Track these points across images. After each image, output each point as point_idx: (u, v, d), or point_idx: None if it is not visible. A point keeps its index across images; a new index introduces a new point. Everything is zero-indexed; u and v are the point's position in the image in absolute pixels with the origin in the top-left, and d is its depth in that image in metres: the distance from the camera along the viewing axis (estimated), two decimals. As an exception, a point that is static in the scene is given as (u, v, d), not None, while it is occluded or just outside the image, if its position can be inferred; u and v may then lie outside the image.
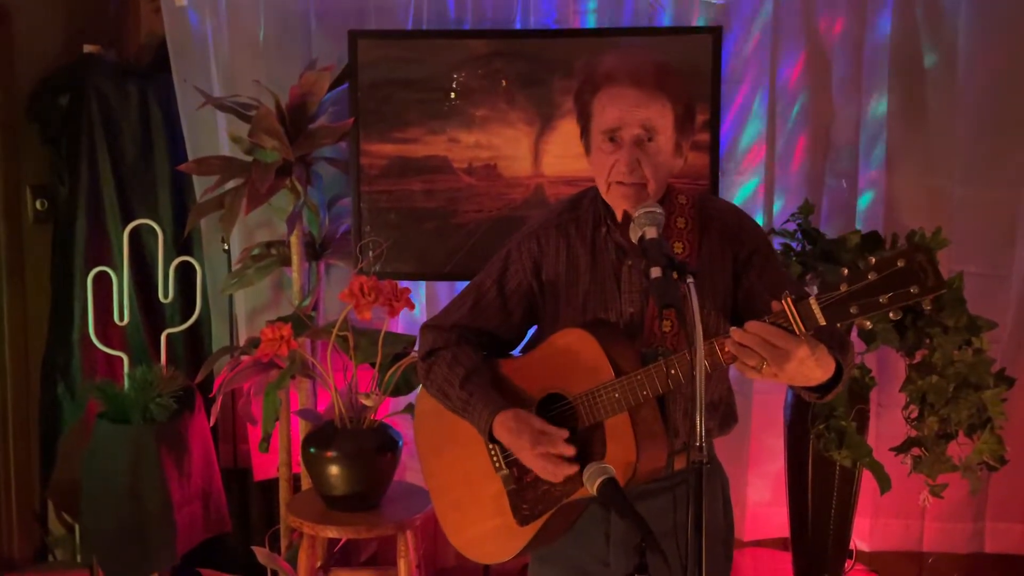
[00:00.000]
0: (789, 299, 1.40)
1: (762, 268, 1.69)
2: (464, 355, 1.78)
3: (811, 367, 1.44)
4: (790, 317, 1.40)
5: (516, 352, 1.86)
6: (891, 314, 1.35)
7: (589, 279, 1.72)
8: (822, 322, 1.38)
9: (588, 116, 1.69)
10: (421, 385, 1.88)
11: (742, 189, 2.92)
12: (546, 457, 1.63)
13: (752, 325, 1.41)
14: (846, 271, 1.36)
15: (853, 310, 1.35)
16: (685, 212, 1.71)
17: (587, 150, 1.73)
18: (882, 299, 1.33)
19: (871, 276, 1.34)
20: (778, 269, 1.73)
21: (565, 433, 1.64)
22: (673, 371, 1.56)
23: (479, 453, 1.77)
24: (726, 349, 1.49)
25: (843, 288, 1.36)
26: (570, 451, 1.61)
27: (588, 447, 1.65)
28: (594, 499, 1.56)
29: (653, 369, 1.58)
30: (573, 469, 1.62)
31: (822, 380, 1.49)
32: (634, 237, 1.56)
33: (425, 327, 1.86)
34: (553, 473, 1.64)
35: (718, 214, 1.72)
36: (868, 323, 1.37)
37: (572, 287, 1.74)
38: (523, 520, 1.72)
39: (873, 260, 1.34)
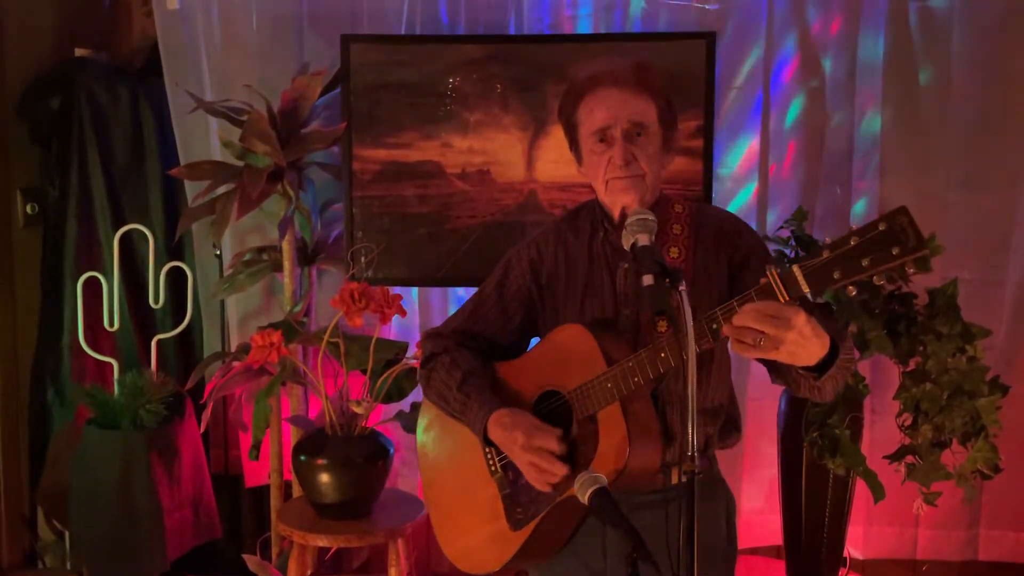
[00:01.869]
0: (774, 270, 1.41)
1: (757, 271, 1.69)
2: (462, 358, 1.79)
3: (809, 336, 1.43)
4: (775, 286, 1.40)
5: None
6: (875, 279, 1.34)
7: (587, 282, 1.74)
8: (806, 288, 1.38)
9: (575, 125, 1.73)
10: (425, 396, 1.88)
11: (736, 195, 2.92)
12: (538, 453, 1.62)
13: (747, 307, 1.42)
14: (828, 239, 1.37)
15: (836, 275, 1.35)
16: (681, 219, 1.73)
17: (579, 159, 1.76)
18: (864, 262, 1.33)
19: (853, 241, 1.34)
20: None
21: (558, 431, 1.64)
22: (663, 354, 1.56)
23: (477, 461, 1.78)
24: (713, 327, 1.48)
25: (826, 254, 1.36)
26: (559, 448, 1.62)
27: (582, 441, 1.65)
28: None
29: (644, 354, 1.58)
30: (564, 469, 1.62)
31: (821, 355, 1.48)
32: (626, 244, 1.57)
33: (426, 335, 1.89)
34: (541, 471, 1.63)
35: (714, 221, 1.75)
36: (852, 289, 1.37)
37: (570, 291, 1.76)
38: (516, 524, 1.73)
39: (855, 227, 1.35)
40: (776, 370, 1.64)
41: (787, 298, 1.40)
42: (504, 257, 1.85)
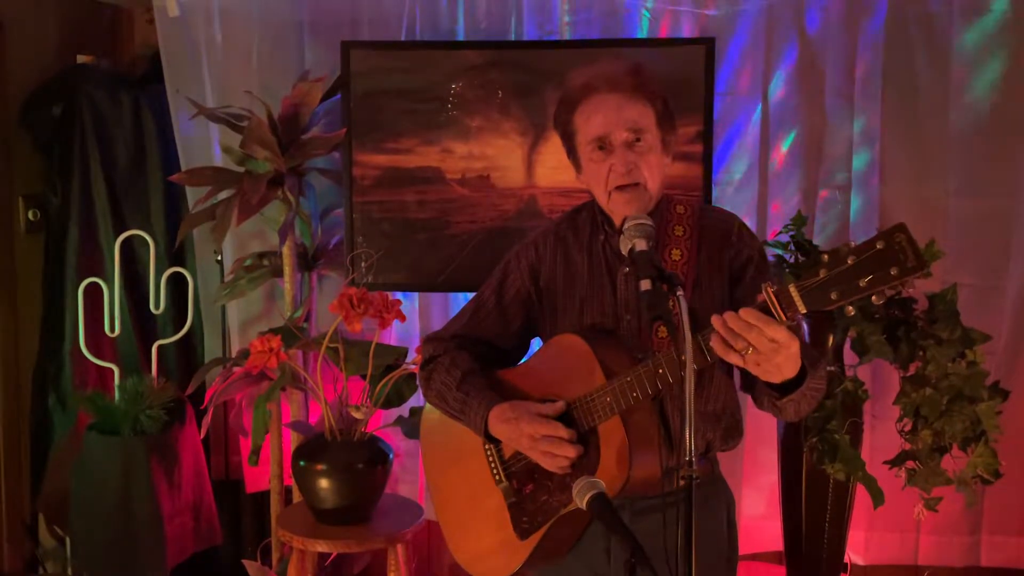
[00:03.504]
0: (770, 288, 1.39)
1: (754, 279, 1.69)
2: (461, 359, 1.79)
3: (791, 357, 1.43)
4: (771, 306, 1.39)
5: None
6: (873, 299, 1.32)
7: (586, 286, 1.74)
8: (802, 309, 1.37)
9: (572, 133, 1.72)
10: (425, 399, 1.89)
11: (735, 200, 2.91)
12: (547, 440, 1.63)
13: (747, 312, 1.40)
14: (826, 257, 1.34)
15: (833, 295, 1.34)
16: (684, 221, 1.72)
17: (578, 168, 1.75)
18: (861, 283, 1.31)
19: (850, 260, 1.32)
20: (769, 280, 1.72)
21: (560, 409, 1.65)
22: (661, 370, 1.56)
23: (481, 467, 1.78)
24: (709, 343, 1.46)
25: (822, 274, 1.34)
26: (566, 433, 1.62)
27: (584, 452, 1.65)
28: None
29: (642, 370, 1.58)
30: (575, 451, 1.62)
31: (788, 376, 1.47)
32: (624, 249, 1.57)
33: (426, 339, 1.89)
34: (554, 457, 1.64)
35: (716, 222, 1.74)
36: (851, 309, 1.36)
37: (570, 294, 1.75)
38: (523, 534, 1.73)
39: (853, 244, 1.33)
40: (744, 377, 1.63)
41: (784, 318, 1.38)
42: (502, 260, 1.84)
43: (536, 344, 1.86)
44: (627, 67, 1.67)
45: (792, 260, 2.69)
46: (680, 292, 1.42)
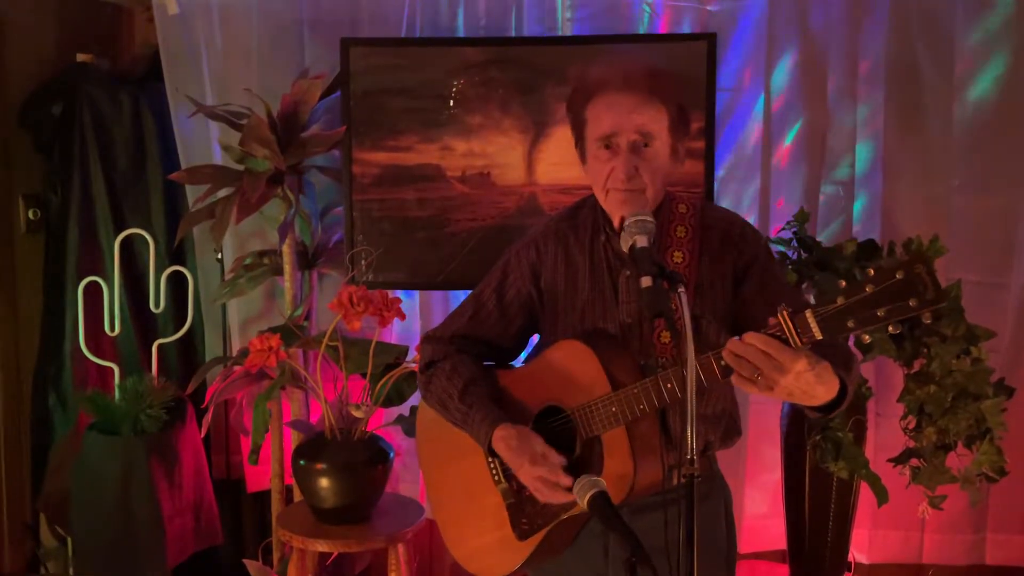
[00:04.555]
0: (785, 312, 1.38)
1: (760, 277, 1.68)
2: (463, 366, 1.77)
3: (810, 382, 1.41)
4: (786, 330, 1.38)
5: (518, 362, 1.86)
6: (890, 327, 1.32)
7: (588, 288, 1.72)
8: (819, 336, 1.36)
9: (582, 124, 1.69)
10: (425, 402, 1.87)
11: (737, 197, 2.91)
12: (543, 481, 1.62)
13: (750, 336, 1.39)
14: (843, 283, 1.34)
15: (850, 323, 1.33)
16: (686, 221, 1.70)
17: (582, 159, 1.73)
18: (879, 312, 1.31)
19: (868, 289, 1.31)
20: (777, 279, 1.71)
21: (563, 460, 1.62)
22: (669, 385, 1.55)
23: (479, 465, 1.77)
24: (722, 363, 1.46)
25: (840, 301, 1.34)
26: (566, 481, 1.59)
27: (586, 461, 1.63)
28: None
29: (649, 383, 1.57)
30: (567, 498, 1.60)
31: (825, 399, 1.46)
32: (624, 246, 1.56)
33: (424, 339, 1.87)
34: (548, 496, 1.63)
35: (719, 223, 1.72)
36: (866, 337, 1.35)
37: (570, 295, 1.73)
38: (522, 535, 1.72)
39: (871, 272, 1.32)
40: None
41: (800, 343, 1.37)
42: (502, 258, 1.82)
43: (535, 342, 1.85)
44: (646, 68, 1.63)
45: (795, 256, 2.67)
46: (681, 289, 1.40)
